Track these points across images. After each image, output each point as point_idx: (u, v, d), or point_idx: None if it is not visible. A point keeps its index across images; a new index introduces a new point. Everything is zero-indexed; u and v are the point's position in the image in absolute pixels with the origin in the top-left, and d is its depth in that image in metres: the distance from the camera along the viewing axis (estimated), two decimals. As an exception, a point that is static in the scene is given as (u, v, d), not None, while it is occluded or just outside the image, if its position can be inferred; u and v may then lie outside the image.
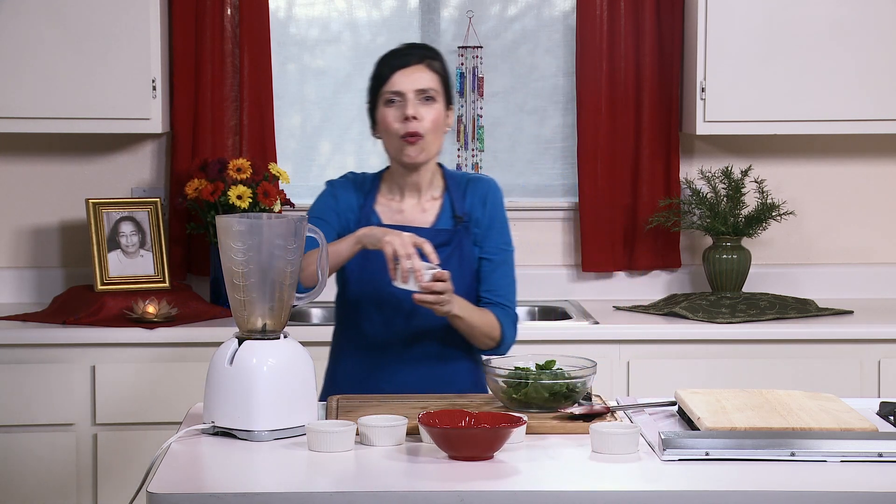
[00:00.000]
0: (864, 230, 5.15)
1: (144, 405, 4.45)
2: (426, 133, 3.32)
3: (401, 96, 3.33)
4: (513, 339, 3.43)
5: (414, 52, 3.39)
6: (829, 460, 2.74)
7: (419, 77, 3.34)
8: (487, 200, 3.42)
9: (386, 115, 3.34)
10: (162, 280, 4.77)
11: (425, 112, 3.33)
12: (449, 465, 2.72)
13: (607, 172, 5.03)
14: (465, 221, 3.39)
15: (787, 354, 4.57)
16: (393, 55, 3.40)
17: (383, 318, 3.38)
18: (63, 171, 4.97)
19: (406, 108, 3.32)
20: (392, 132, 3.33)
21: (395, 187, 3.42)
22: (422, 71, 3.35)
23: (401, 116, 3.32)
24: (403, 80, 3.33)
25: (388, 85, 3.34)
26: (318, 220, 3.40)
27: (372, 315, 3.40)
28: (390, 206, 3.41)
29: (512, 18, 5.14)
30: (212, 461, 2.80)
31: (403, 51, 3.40)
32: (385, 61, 3.39)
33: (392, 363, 3.39)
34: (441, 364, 3.40)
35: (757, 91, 4.77)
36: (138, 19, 4.62)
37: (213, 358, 2.96)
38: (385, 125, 3.34)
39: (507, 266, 3.45)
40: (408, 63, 3.35)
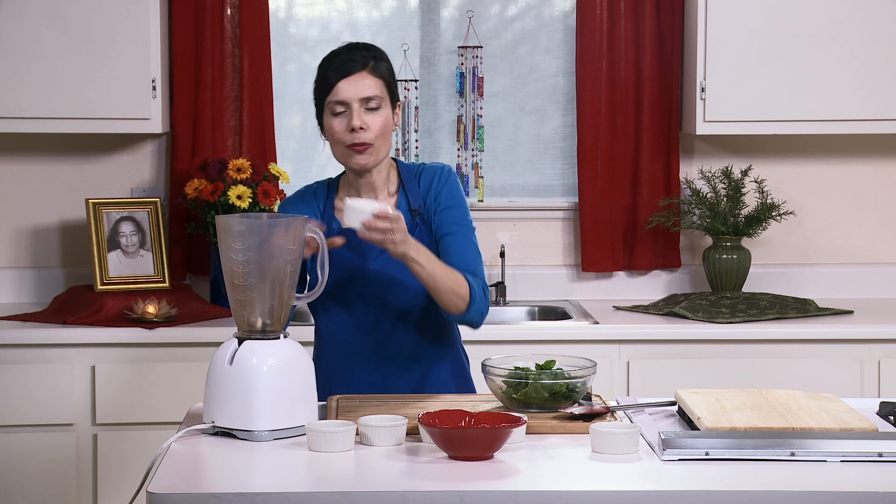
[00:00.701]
0: (864, 230, 5.15)
1: (144, 405, 4.45)
2: (374, 140, 3.30)
3: (346, 106, 3.29)
4: (484, 304, 3.32)
5: (356, 56, 3.32)
6: (829, 460, 2.74)
7: (363, 85, 3.29)
8: (433, 185, 3.38)
9: (333, 124, 3.30)
10: (162, 280, 4.77)
11: (371, 120, 3.29)
12: (449, 465, 2.72)
13: (607, 172, 5.03)
14: (420, 213, 3.37)
15: (787, 354, 4.57)
16: (335, 60, 3.33)
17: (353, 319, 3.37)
18: (63, 171, 4.97)
19: (352, 119, 3.28)
20: (339, 142, 3.30)
21: (351, 190, 3.40)
22: (365, 78, 3.30)
23: (347, 126, 3.28)
24: (348, 89, 3.28)
25: (332, 94, 3.29)
26: None
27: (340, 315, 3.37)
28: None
29: (512, 18, 5.14)
30: (212, 461, 2.80)
31: (345, 55, 3.33)
32: (328, 66, 3.32)
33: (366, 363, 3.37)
34: (415, 364, 3.38)
35: (757, 91, 4.77)
36: (138, 19, 4.62)
37: (213, 358, 2.96)
38: (332, 135, 3.31)
39: (468, 238, 3.37)
40: (351, 70, 3.29)
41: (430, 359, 3.39)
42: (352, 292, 3.33)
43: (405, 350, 3.36)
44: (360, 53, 3.33)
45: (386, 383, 3.35)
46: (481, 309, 3.32)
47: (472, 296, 3.28)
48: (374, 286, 3.33)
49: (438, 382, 3.38)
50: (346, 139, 3.29)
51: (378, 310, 3.35)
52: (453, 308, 3.27)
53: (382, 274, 3.33)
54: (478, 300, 3.30)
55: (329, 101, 3.30)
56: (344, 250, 3.32)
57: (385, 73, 3.34)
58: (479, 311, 3.31)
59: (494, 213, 5.09)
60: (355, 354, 3.36)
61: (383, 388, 3.34)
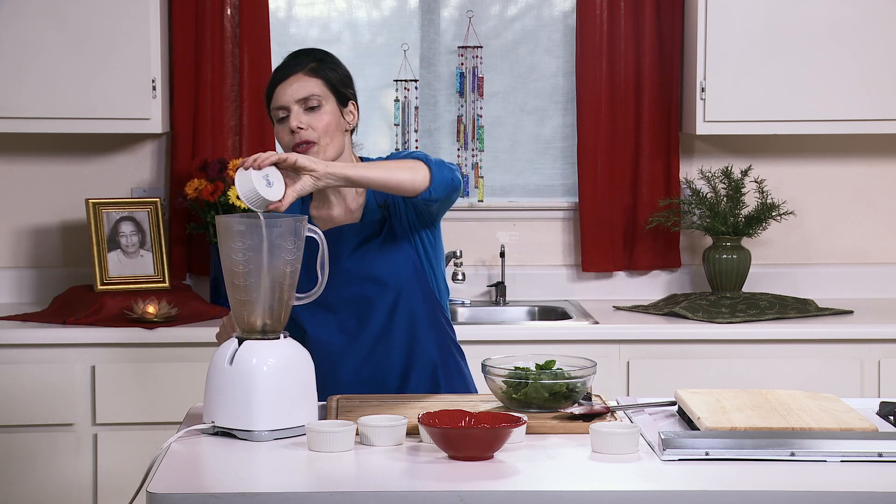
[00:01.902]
0: (864, 230, 5.15)
1: (144, 405, 4.45)
2: (318, 139, 3.28)
3: (286, 110, 3.28)
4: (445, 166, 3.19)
5: (295, 61, 3.33)
6: (829, 460, 2.74)
7: (298, 86, 3.28)
8: None
9: (278, 132, 3.30)
10: (162, 280, 4.77)
11: (311, 119, 3.27)
12: (449, 465, 2.72)
13: (607, 172, 5.04)
14: (387, 206, 3.36)
15: (787, 354, 4.57)
16: (277, 69, 3.35)
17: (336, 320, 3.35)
18: (63, 171, 4.97)
19: (290, 120, 3.27)
20: (286, 146, 3.29)
21: (321, 197, 3.38)
22: (301, 79, 3.29)
23: (289, 130, 3.28)
24: (284, 92, 3.28)
25: (273, 101, 3.30)
26: None
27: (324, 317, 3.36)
28: (322, 217, 3.38)
29: (512, 18, 5.14)
30: (212, 461, 2.80)
31: (285, 62, 3.34)
32: (273, 76, 3.34)
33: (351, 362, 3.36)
34: (400, 359, 3.36)
35: (757, 91, 4.77)
36: (138, 20, 4.62)
37: (213, 358, 2.96)
38: (280, 142, 3.31)
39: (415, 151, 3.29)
40: (287, 75, 3.30)
41: (415, 349, 3.37)
42: (332, 294, 3.32)
43: (391, 344, 3.35)
44: (300, 59, 3.33)
45: (373, 379, 3.35)
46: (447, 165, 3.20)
47: (426, 160, 3.18)
48: (352, 285, 3.33)
49: (426, 372, 3.37)
50: (290, 141, 3.28)
51: (359, 308, 3.34)
52: (419, 183, 3.15)
53: (358, 273, 3.32)
54: (436, 161, 3.18)
55: (272, 109, 3.30)
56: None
57: (326, 73, 3.32)
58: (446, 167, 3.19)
59: (494, 213, 5.09)
60: (340, 354, 3.36)
61: (370, 386, 3.34)
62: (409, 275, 3.34)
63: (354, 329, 3.35)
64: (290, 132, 3.28)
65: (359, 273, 3.33)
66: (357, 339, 3.35)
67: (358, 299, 3.34)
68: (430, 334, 3.39)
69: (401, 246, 3.34)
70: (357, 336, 3.35)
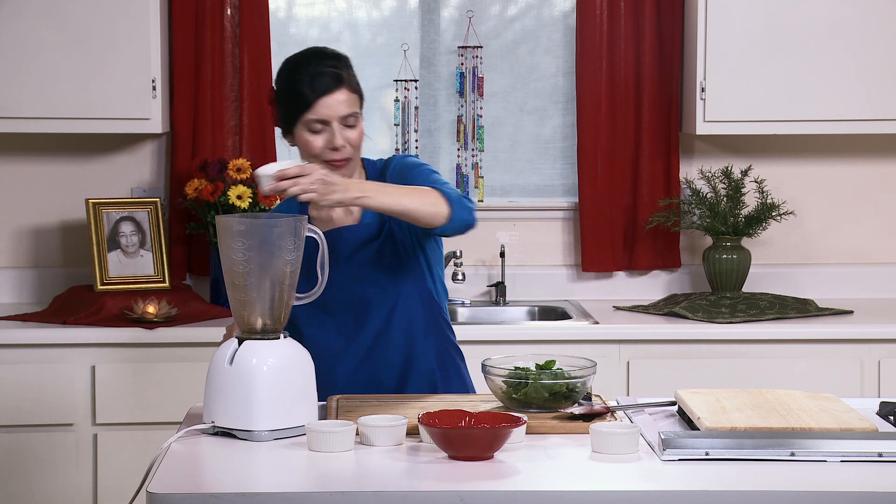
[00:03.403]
0: (864, 230, 5.15)
1: (144, 405, 4.45)
2: (352, 155, 3.28)
3: (325, 124, 3.26)
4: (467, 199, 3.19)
5: (326, 68, 3.26)
6: (829, 460, 2.74)
7: (342, 102, 3.25)
8: (387, 172, 3.36)
9: (311, 141, 3.26)
10: (162, 280, 4.77)
11: (350, 134, 3.27)
12: (449, 465, 2.72)
13: (607, 172, 5.04)
14: None
15: (787, 354, 4.57)
16: (308, 72, 3.26)
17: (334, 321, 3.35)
18: (63, 171, 4.97)
19: (334, 139, 3.24)
20: (317, 157, 3.26)
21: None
22: (344, 95, 3.26)
23: (327, 144, 3.25)
24: (328, 108, 3.24)
25: (311, 112, 3.24)
26: None
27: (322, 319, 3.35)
28: (321, 217, 3.37)
29: (512, 18, 5.14)
30: (212, 461, 2.80)
31: (318, 67, 3.26)
32: (302, 80, 3.25)
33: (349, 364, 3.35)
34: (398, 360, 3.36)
35: (757, 91, 4.77)
36: (138, 19, 4.62)
37: (213, 358, 2.96)
38: (310, 150, 3.27)
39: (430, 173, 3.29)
40: (329, 88, 3.24)
41: (413, 351, 3.37)
42: (330, 296, 3.31)
43: (388, 347, 3.34)
44: (330, 64, 3.28)
45: (370, 381, 3.34)
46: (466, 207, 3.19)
47: (447, 197, 3.17)
48: (351, 287, 3.32)
49: (423, 374, 3.37)
50: (326, 156, 3.26)
51: (356, 310, 3.33)
52: (439, 218, 3.15)
53: (357, 275, 3.32)
54: (456, 198, 3.17)
55: (307, 119, 3.25)
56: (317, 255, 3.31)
57: (357, 84, 3.31)
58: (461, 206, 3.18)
59: (494, 213, 5.09)
60: (338, 356, 3.35)
61: (367, 388, 3.33)
62: (407, 278, 3.34)
63: (351, 331, 3.35)
64: (327, 146, 3.25)
65: (357, 275, 3.33)
66: (354, 342, 3.35)
67: (355, 301, 3.33)
68: (428, 337, 3.38)
69: (399, 249, 3.34)
70: (354, 338, 3.35)
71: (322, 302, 3.29)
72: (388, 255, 3.33)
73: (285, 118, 3.30)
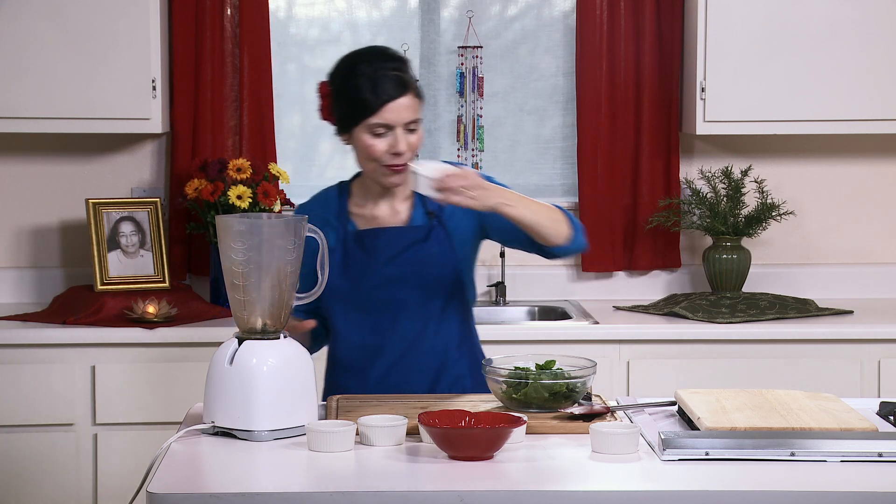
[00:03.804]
0: (864, 230, 5.15)
1: (144, 405, 4.45)
2: (410, 159, 3.27)
3: (389, 129, 3.24)
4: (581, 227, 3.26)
5: (390, 72, 3.24)
6: (829, 460, 2.74)
7: (408, 108, 3.25)
8: None
9: (371, 143, 3.25)
10: (162, 280, 4.77)
11: (412, 139, 3.27)
12: (449, 465, 2.72)
13: (607, 172, 5.04)
14: (437, 215, 3.35)
15: (787, 354, 4.57)
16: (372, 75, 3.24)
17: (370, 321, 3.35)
18: (63, 171, 4.97)
19: (397, 144, 3.23)
20: (377, 158, 3.26)
21: (367, 194, 3.37)
22: (409, 101, 3.25)
23: (389, 149, 3.24)
24: (393, 114, 3.23)
25: (376, 117, 3.22)
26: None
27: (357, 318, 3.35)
28: (364, 214, 3.37)
29: (512, 18, 5.14)
30: (212, 461, 2.80)
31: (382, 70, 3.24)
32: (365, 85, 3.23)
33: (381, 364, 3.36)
34: (431, 363, 3.37)
35: (757, 91, 4.77)
36: (138, 19, 4.62)
37: (213, 358, 2.96)
38: (369, 153, 3.26)
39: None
40: (395, 94, 3.23)
41: (447, 358, 3.37)
42: (367, 295, 3.32)
43: (423, 352, 3.34)
44: (394, 67, 3.26)
45: (401, 383, 3.34)
46: (580, 227, 3.26)
47: (569, 218, 3.24)
48: (389, 288, 3.32)
49: (454, 381, 3.37)
50: (386, 160, 3.25)
51: (394, 312, 3.33)
52: (561, 237, 3.20)
53: (397, 276, 3.31)
54: (574, 221, 3.25)
55: (371, 123, 3.23)
56: (358, 253, 3.31)
57: (419, 89, 3.31)
58: (580, 230, 3.25)
59: (494, 213, 5.08)
60: (371, 356, 3.35)
61: (397, 389, 3.33)
62: (448, 284, 3.34)
63: (387, 332, 3.34)
64: (388, 150, 3.24)
65: (398, 277, 3.32)
66: (389, 343, 3.34)
67: (394, 302, 3.32)
68: (463, 344, 3.39)
69: (444, 254, 3.33)
70: (390, 339, 3.34)
71: (359, 301, 3.30)
72: (432, 259, 3.32)
73: (344, 118, 3.28)
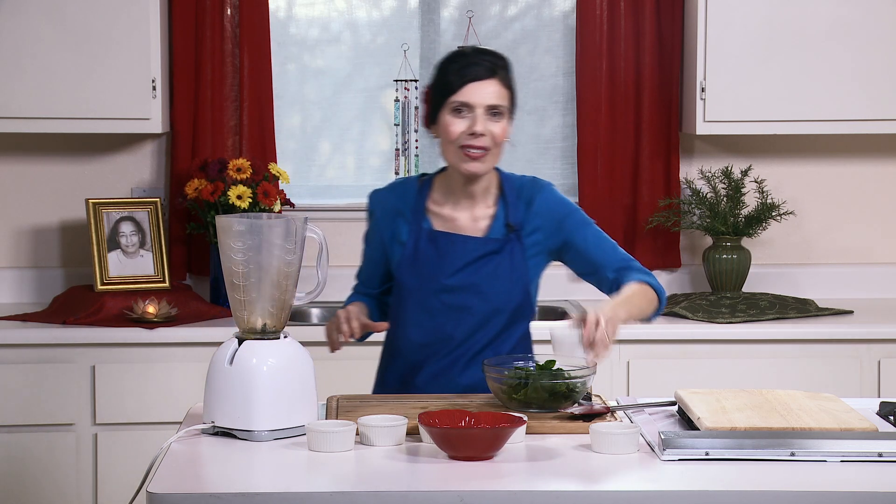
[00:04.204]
0: (864, 230, 5.15)
1: (144, 405, 4.45)
2: (491, 147, 3.26)
3: (470, 108, 3.24)
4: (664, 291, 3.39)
5: (484, 61, 3.28)
6: (829, 460, 2.74)
7: (492, 92, 3.25)
8: (533, 202, 3.35)
9: (452, 123, 3.24)
10: (162, 280, 4.77)
11: (493, 126, 3.25)
12: (449, 465, 2.72)
13: (607, 172, 5.03)
14: (516, 230, 3.33)
15: (787, 354, 4.57)
16: (463, 62, 3.28)
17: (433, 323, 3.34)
18: (63, 171, 4.97)
19: (475, 124, 3.23)
20: (455, 142, 3.25)
21: (448, 194, 3.35)
22: (494, 85, 3.26)
23: (468, 129, 3.23)
24: (475, 93, 3.24)
25: (457, 95, 3.24)
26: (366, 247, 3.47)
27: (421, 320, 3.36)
28: (442, 214, 3.36)
29: (512, 18, 5.14)
30: (212, 461, 2.80)
31: (474, 59, 3.28)
32: (453, 69, 3.27)
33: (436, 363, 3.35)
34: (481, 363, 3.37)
35: (757, 91, 4.77)
36: (138, 19, 4.62)
37: (213, 358, 2.96)
38: (449, 134, 3.25)
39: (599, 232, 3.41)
40: (480, 76, 3.25)
41: None
42: (432, 297, 3.32)
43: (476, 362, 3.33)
44: (489, 59, 3.30)
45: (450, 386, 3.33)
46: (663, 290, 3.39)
47: (657, 290, 3.35)
48: (458, 295, 3.32)
49: None
50: (464, 140, 3.24)
51: (458, 318, 3.33)
52: (651, 313, 3.35)
53: (465, 285, 3.31)
54: (660, 288, 3.36)
55: (452, 101, 3.24)
56: (430, 252, 3.31)
57: (511, 84, 3.32)
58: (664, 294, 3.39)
59: (494, 213, 5.08)
60: (428, 355, 3.35)
61: (445, 386, 3.33)
62: (517, 299, 3.34)
63: (446, 336, 3.34)
64: (468, 132, 3.24)
65: (466, 285, 3.32)
66: (445, 347, 3.34)
67: (458, 308, 3.32)
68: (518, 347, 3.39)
69: (517, 269, 3.33)
70: (447, 343, 3.34)
71: (423, 301, 3.31)
72: (503, 273, 3.32)
73: (433, 106, 3.29)
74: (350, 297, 3.51)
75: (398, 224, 3.35)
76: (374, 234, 3.42)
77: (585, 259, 3.37)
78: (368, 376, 3.56)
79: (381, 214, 3.40)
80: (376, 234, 3.41)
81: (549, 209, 3.37)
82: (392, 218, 3.37)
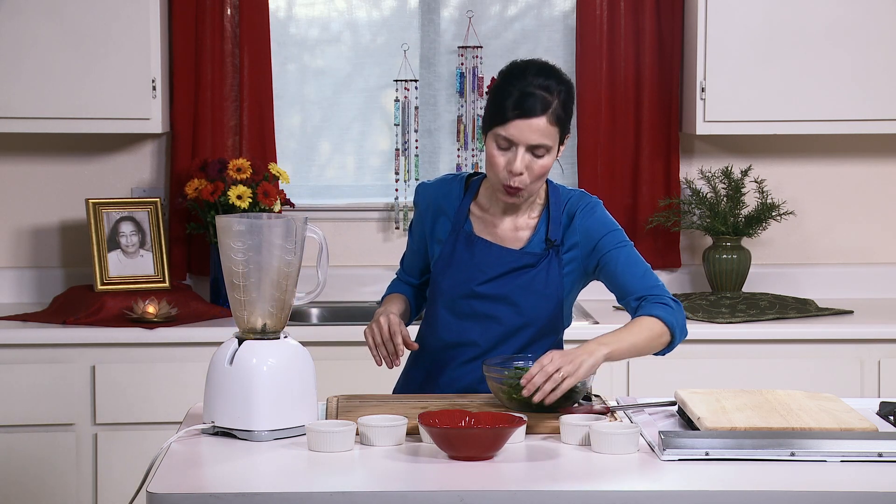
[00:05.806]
0: (864, 230, 5.15)
1: (144, 405, 4.45)
2: (528, 185, 3.20)
3: (513, 145, 3.17)
4: (682, 319, 3.26)
5: (538, 91, 3.17)
6: (829, 460, 2.74)
7: (538, 131, 3.16)
8: (574, 218, 3.31)
9: (494, 155, 3.19)
10: (162, 280, 4.77)
11: (532, 163, 3.19)
12: (449, 465, 2.72)
13: (607, 172, 5.04)
14: (556, 245, 3.30)
15: (787, 354, 4.57)
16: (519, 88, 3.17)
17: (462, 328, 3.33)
18: (63, 171, 4.97)
19: (514, 163, 3.17)
20: (495, 172, 3.20)
21: (493, 200, 3.32)
22: (542, 123, 3.16)
23: (507, 165, 3.18)
24: (521, 131, 3.15)
25: (503, 128, 3.16)
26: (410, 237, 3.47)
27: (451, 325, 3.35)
28: (484, 219, 3.34)
29: (512, 18, 5.14)
30: (212, 461, 2.80)
31: (531, 88, 3.17)
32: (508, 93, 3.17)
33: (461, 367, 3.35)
34: None
35: (757, 91, 4.77)
36: (138, 19, 4.62)
37: (213, 358, 2.96)
38: (491, 162, 3.20)
39: (632, 255, 3.30)
40: (529, 112, 3.15)
41: None
42: (465, 305, 3.32)
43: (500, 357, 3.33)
44: (542, 85, 3.19)
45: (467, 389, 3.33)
46: (682, 326, 3.26)
47: (669, 326, 3.22)
48: (489, 303, 3.31)
49: None
50: (503, 177, 3.19)
51: (485, 326, 3.32)
52: (658, 349, 3.26)
53: (498, 294, 3.30)
54: (676, 324, 3.24)
55: (497, 132, 3.17)
56: (466, 255, 3.30)
57: (562, 114, 3.20)
58: (682, 331, 3.26)
59: (494, 213, 5.08)
60: (453, 357, 3.35)
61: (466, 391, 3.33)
62: (549, 313, 3.32)
63: (473, 343, 3.33)
64: (506, 167, 3.18)
65: (501, 296, 3.30)
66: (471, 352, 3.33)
67: (490, 318, 3.31)
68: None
69: (552, 284, 3.30)
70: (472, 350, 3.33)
71: (453, 303, 3.31)
72: (536, 287, 3.30)
73: (486, 121, 3.23)
74: (392, 283, 3.51)
75: (440, 221, 3.35)
76: (418, 227, 3.42)
77: (614, 283, 3.29)
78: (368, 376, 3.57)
79: (425, 208, 3.39)
80: (419, 226, 3.41)
81: (587, 228, 3.30)
82: (435, 214, 3.36)
